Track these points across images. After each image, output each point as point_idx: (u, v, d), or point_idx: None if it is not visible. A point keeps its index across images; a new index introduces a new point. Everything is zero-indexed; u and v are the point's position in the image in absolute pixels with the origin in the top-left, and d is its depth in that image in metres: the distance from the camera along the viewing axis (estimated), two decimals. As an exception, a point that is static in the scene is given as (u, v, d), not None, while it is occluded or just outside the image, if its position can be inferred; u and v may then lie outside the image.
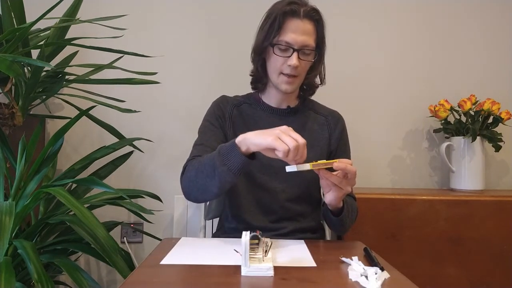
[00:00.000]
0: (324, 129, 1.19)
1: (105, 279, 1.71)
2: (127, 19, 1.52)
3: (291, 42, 1.03)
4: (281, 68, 1.07)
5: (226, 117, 1.15)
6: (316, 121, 1.19)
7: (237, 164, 0.88)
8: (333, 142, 1.18)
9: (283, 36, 1.04)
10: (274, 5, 1.09)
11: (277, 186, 1.10)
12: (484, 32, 1.82)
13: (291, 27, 1.03)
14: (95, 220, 1.03)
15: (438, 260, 1.42)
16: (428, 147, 1.82)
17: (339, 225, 1.05)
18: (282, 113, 1.17)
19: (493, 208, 1.43)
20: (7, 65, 1.01)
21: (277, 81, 1.09)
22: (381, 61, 1.80)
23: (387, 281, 0.69)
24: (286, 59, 1.05)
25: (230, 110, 1.16)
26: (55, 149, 1.28)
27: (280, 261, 0.79)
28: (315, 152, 1.14)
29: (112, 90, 1.59)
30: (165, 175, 1.73)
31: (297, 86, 1.13)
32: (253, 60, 1.14)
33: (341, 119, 1.23)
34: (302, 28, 1.03)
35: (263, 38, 1.07)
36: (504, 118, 1.60)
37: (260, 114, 1.17)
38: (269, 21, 1.06)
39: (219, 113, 1.15)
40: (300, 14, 1.03)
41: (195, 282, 0.70)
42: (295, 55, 1.03)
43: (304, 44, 1.04)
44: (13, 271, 0.93)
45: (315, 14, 1.06)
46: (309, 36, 1.05)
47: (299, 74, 1.08)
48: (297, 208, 1.12)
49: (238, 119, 1.15)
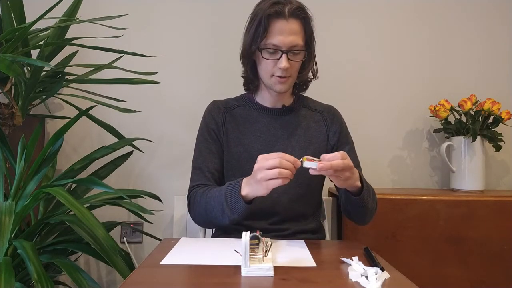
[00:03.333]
0: (321, 125, 1.18)
1: (105, 279, 1.71)
2: (127, 19, 1.52)
3: (279, 44, 1.02)
4: (272, 71, 1.06)
5: (220, 126, 1.15)
6: (312, 118, 1.19)
7: (243, 211, 0.94)
8: (332, 137, 1.18)
9: (270, 39, 1.02)
10: (257, 5, 1.07)
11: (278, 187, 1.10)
12: (484, 32, 1.82)
13: (278, 29, 1.01)
14: (94, 220, 1.02)
15: (438, 260, 1.42)
16: (429, 147, 1.82)
17: (361, 205, 1.00)
18: (277, 112, 1.17)
19: (493, 208, 1.43)
20: (6, 65, 1.01)
21: (270, 82, 1.09)
22: (381, 61, 1.80)
23: (387, 281, 0.69)
24: (276, 62, 1.04)
25: (222, 117, 1.16)
26: (55, 149, 1.27)
27: (280, 261, 0.79)
28: (314, 149, 1.14)
29: (112, 90, 1.58)
30: (165, 175, 1.72)
31: (291, 85, 1.12)
32: (242, 63, 1.14)
33: (336, 113, 1.22)
34: (288, 29, 1.01)
35: (250, 41, 1.06)
36: (504, 118, 1.60)
37: (255, 116, 1.16)
38: (255, 23, 1.04)
39: (212, 126, 1.15)
40: (285, 14, 1.01)
41: (195, 282, 0.70)
42: (284, 57, 1.02)
43: (292, 44, 1.02)
44: (13, 271, 0.93)
45: (300, 12, 1.03)
46: (296, 35, 1.03)
47: (291, 75, 1.07)
48: (299, 209, 1.12)
49: (231, 124, 1.15)
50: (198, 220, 1.10)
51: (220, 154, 1.14)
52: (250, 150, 1.12)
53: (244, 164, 1.11)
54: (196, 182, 1.11)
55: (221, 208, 0.96)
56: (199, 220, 1.09)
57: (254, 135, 1.14)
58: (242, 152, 1.12)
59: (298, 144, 1.14)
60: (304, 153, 1.10)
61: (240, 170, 1.11)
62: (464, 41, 1.82)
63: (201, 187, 1.09)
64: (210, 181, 1.10)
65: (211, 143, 1.14)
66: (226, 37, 1.74)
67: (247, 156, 1.12)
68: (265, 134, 1.14)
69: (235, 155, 1.13)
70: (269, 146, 1.13)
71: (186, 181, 1.16)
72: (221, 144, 1.14)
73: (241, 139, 1.14)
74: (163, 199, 1.56)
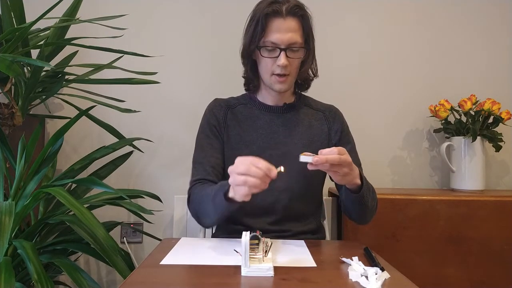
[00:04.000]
0: (323, 123, 1.18)
1: (105, 279, 1.71)
2: (127, 19, 1.52)
3: (277, 42, 1.03)
4: (271, 69, 1.06)
5: (221, 123, 1.15)
6: (314, 116, 1.19)
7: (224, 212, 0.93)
8: (334, 135, 1.18)
9: (269, 37, 1.03)
10: (257, 5, 1.08)
11: (280, 185, 1.09)
12: (484, 32, 1.82)
13: (275, 27, 1.03)
14: (94, 220, 1.02)
15: (438, 260, 1.42)
16: (429, 147, 1.82)
17: (360, 203, 1.00)
18: (279, 110, 1.17)
19: (493, 208, 1.43)
20: (6, 65, 1.01)
21: (270, 81, 1.09)
22: (381, 61, 1.80)
23: (387, 281, 0.69)
24: (275, 60, 1.05)
25: (224, 114, 1.16)
26: (55, 149, 1.27)
27: (280, 261, 0.79)
28: (315, 147, 1.13)
29: (112, 90, 1.58)
30: (165, 175, 1.73)
31: (291, 84, 1.12)
32: (243, 63, 1.14)
33: (338, 112, 1.23)
34: (286, 27, 1.02)
35: (249, 41, 1.07)
36: (504, 118, 1.60)
37: (257, 113, 1.16)
38: (253, 23, 1.05)
39: (214, 122, 1.15)
40: (283, 12, 1.02)
41: (195, 283, 0.70)
42: (283, 54, 1.03)
43: (290, 42, 1.03)
44: (13, 271, 0.93)
45: (298, 10, 1.04)
46: (294, 33, 1.03)
47: (290, 73, 1.07)
48: (299, 208, 1.12)
49: (233, 121, 1.15)
50: (194, 216, 1.08)
51: (222, 150, 1.14)
52: (251, 147, 1.12)
53: None
54: (196, 176, 1.10)
55: (210, 207, 0.96)
56: (195, 216, 1.08)
57: (256, 132, 1.14)
58: (243, 149, 1.12)
59: (300, 142, 1.14)
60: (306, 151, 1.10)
61: None
62: (464, 41, 1.82)
63: (201, 182, 1.08)
64: (210, 176, 1.09)
65: (212, 139, 1.14)
66: (226, 37, 1.74)
67: (248, 153, 1.10)
68: (266, 131, 1.14)
69: (236, 152, 1.12)
70: (271, 144, 1.12)
71: (186, 181, 1.15)
72: (222, 140, 1.14)
73: (243, 136, 1.14)
74: (163, 199, 1.56)
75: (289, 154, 1.10)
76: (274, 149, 1.12)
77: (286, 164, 1.09)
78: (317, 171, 0.91)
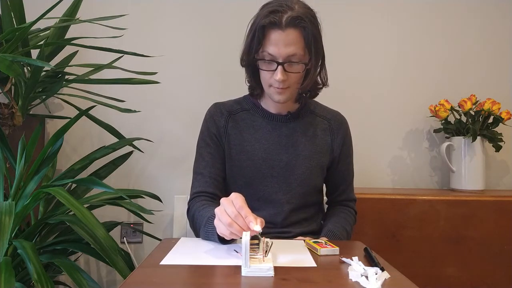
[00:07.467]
0: (326, 134, 1.15)
1: (105, 279, 1.71)
2: (127, 19, 1.52)
3: (274, 55, 0.97)
4: (269, 81, 1.02)
5: (222, 132, 1.12)
6: (318, 126, 1.15)
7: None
8: (336, 148, 1.15)
9: (266, 49, 0.97)
10: (260, 9, 1.00)
11: (282, 197, 1.09)
12: (484, 32, 1.82)
13: (273, 39, 0.96)
14: (94, 220, 1.02)
15: (438, 260, 1.42)
16: (429, 147, 1.82)
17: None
18: (283, 119, 1.12)
19: (493, 208, 1.43)
20: (6, 65, 1.01)
21: (269, 92, 1.05)
22: (381, 61, 1.80)
23: (387, 281, 0.69)
24: (272, 73, 0.99)
25: (225, 122, 1.12)
26: (55, 149, 1.27)
27: (280, 261, 0.79)
28: (318, 159, 1.12)
29: (112, 90, 1.58)
30: (165, 175, 1.72)
31: (290, 96, 1.06)
32: (245, 70, 1.10)
33: (344, 122, 1.19)
34: (284, 40, 0.95)
35: (246, 51, 1.02)
36: (504, 118, 1.60)
37: (260, 122, 1.13)
38: (251, 33, 0.99)
39: (214, 130, 1.12)
40: (282, 24, 0.94)
41: (195, 283, 0.70)
42: (280, 69, 0.97)
43: (289, 55, 0.96)
44: (13, 271, 0.93)
45: (300, 21, 0.94)
46: (294, 45, 0.96)
47: (289, 86, 1.01)
48: (301, 215, 1.12)
49: (234, 130, 1.12)
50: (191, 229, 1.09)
51: (223, 159, 1.12)
52: (253, 158, 1.09)
53: (246, 172, 1.09)
54: (196, 188, 1.09)
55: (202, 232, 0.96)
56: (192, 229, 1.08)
57: (258, 142, 1.10)
58: (244, 160, 1.09)
59: (303, 153, 1.11)
60: (308, 163, 1.11)
61: (242, 178, 1.10)
62: (464, 41, 1.82)
63: (201, 196, 1.07)
64: (211, 187, 1.08)
65: (212, 148, 1.11)
66: (226, 37, 1.74)
67: (250, 164, 1.09)
68: (269, 142, 1.10)
69: (237, 162, 1.10)
70: (273, 155, 1.10)
71: (186, 181, 1.16)
72: (223, 149, 1.12)
73: (244, 146, 1.10)
74: (163, 199, 1.56)
75: (291, 165, 1.09)
76: (276, 160, 1.09)
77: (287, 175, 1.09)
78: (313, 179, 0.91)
